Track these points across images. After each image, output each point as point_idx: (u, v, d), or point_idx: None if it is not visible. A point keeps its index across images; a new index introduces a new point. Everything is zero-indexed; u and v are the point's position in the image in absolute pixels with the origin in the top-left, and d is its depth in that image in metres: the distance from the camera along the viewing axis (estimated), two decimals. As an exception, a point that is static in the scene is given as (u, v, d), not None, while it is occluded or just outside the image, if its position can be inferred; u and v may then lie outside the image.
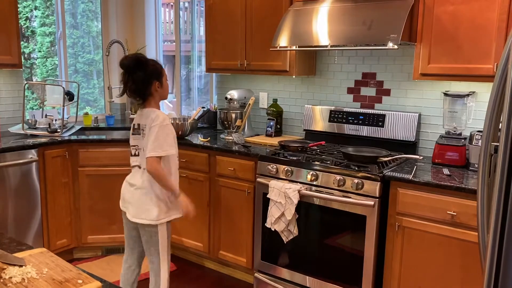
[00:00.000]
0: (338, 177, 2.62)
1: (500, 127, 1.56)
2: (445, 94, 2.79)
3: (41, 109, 4.00)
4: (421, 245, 2.44)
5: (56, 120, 3.84)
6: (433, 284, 2.43)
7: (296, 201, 2.70)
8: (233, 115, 3.54)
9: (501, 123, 1.54)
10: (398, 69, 3.10)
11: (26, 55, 5.28)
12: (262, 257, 3.03)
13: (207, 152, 3.31)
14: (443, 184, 2.33)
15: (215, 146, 3.27)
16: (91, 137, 3.63)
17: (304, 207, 2.77)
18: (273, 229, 2.84)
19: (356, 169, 2.61)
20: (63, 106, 3.75)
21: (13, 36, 3.37)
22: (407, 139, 3.00)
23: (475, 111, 2.79)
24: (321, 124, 3.36)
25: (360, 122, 3.18)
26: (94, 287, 1.20)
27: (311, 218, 2.77)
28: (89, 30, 4.82)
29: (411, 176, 2.46)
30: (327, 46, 2.80)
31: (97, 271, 3.37)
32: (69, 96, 3.87)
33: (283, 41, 2.99)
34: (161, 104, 2.66)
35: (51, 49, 5.39)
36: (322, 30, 2.84)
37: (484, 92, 2.76)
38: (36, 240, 3.34)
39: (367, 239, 2.55)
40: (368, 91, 3.25)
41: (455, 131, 2.77)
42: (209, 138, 3.55)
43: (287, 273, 2.92)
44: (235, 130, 3.54)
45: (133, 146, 2.48)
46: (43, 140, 3.39)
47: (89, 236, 3.62)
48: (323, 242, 2.74)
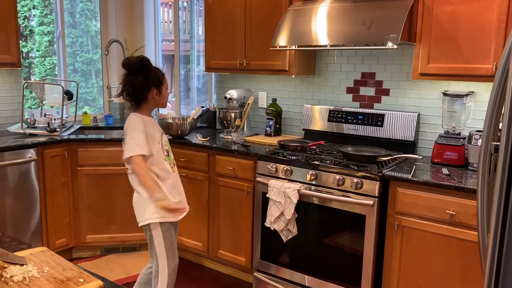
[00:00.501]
0: (337, 177, 2.62)
1: (500, 126, 1.56)
2: (444, 94, 2.79)
3: (40, 108, 3.99)
4: (420, 244, 2.45)
5: (55, 119, 3.83)
6: (433, 283, 2.44)
7: (295, 201, 2.70)
8: (232, 115, 3.54)
9: (501, 123, 1.54)
10: (397, 69, 3.11)
11: (24, 54, 5.26)
12: (261, 256, 3.03)
13: (207, 151, 3.31)
14: (442, 183, 2.33)
15: (215, 145, 3.27)
16: (90, 137, 3.63)
17: (303, 207, 2.77)
18: (272, 229, 2.85)
19: (355, 168, 2.61)
20: (62, 105, 3.75)
21: (12, 35, 3.37)
22: (406, 139, 3.01)
23: (474, 111, 2.79)
24: (320, 123, 3.36)
25: (359, 121, 3.18)
26: (95, 286, 1.20)
27: (311, 217, 2.77)
28: (87, 29, 4.81)
29: (410, 175, 2.47)
30: (326, 45, 2.80)
31: (96, 271, 3.36)
32: (68, 95, 3.87)
33: (283, 40, 2.99)
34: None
35: (50, 48, 5.38)
36: (321, 29, 2.85)
37: (483, 92, 2.77)
38: (35, 239, 3.33)
39: (367, 238, 2.56)
40: (367, 91, 3.26)
41: (454, 131, 2.78)
42: (208, 137, 3.55)
43: (286, 273, 2.92)
44: (234, 129, 3.54)
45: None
46: (42, 139, 3.39)
47: (88, 235, 3.62)
48: (323, 241, 2.75)
